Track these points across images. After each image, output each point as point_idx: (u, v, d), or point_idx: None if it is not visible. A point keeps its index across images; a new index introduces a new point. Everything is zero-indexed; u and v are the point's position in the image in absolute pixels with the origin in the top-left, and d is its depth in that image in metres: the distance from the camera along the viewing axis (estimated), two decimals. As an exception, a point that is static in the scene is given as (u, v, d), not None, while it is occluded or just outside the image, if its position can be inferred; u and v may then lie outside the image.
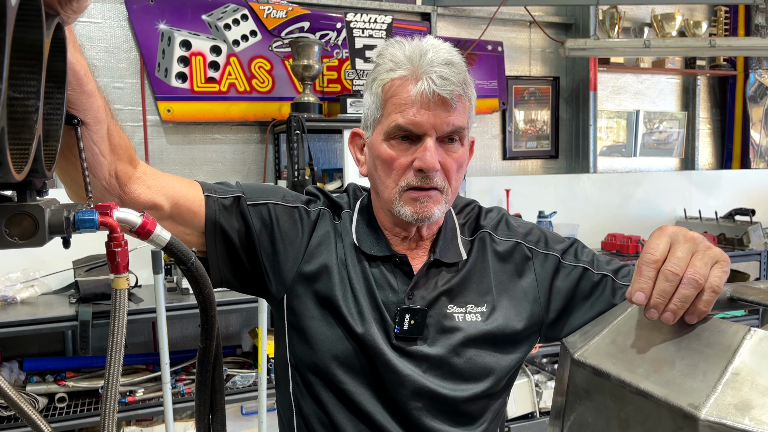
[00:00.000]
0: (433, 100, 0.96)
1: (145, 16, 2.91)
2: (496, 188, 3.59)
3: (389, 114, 0.99)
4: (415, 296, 1.04)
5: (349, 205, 1.13)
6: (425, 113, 0.97)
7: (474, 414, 1.07)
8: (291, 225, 1.06)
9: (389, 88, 1.00)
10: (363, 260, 1.06)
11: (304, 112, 2.87)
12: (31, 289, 2.54)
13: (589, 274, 1.09)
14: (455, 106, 0.98)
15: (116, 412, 0.64)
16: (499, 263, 1.10)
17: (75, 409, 2.37)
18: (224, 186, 1.04)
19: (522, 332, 1.09)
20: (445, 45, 1.01)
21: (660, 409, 0.61)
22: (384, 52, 1.03)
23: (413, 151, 0.99)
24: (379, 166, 1.03)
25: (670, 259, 0.70)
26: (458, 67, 0.99)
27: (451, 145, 1.01)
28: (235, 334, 3.12)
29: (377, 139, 1.02)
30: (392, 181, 1.01)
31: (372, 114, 1.04)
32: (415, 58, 0.98)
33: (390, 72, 1.00)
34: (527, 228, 1.15)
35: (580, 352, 0.75)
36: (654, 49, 3.52)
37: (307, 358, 1.04)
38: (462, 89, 0.99)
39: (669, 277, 0.69)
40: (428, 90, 0.96)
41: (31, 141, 0.53)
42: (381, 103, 1.01)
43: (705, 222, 3.86)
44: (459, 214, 1.15)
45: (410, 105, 0.97)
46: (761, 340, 0.61)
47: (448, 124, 0.98)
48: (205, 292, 0.75)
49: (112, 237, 0.64)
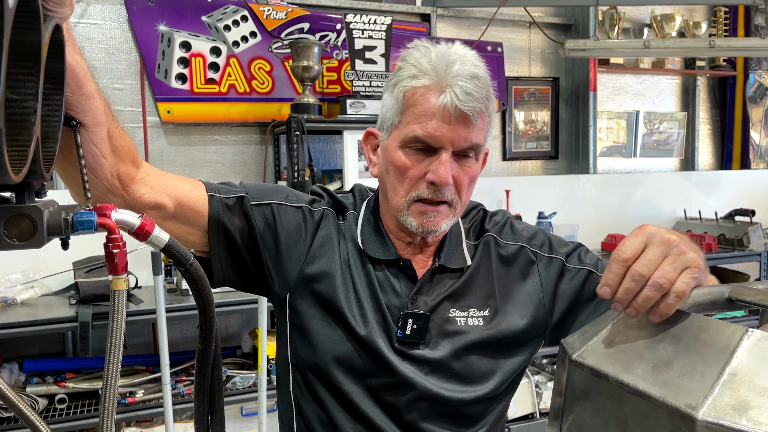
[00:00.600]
0: (454, 115, 0.95)
1: (144, 17, 2.91)
2: (495, 189, 3.59)
3: (408, 123, 0.98)
4: (418, 301, 1.04)
5: (354, 206, 1.12)
6: (444, 127, 0.96)
7: (475, 416, 1.07)
8: (294, 225, 1.05)
9: (411, 96, 0.98)
10: (367, 263, 1.06)
11: (303, 113, 2.87)
12: (31, 291, 2.54)
13: (594, 276, 1.09)
14: (475, 123, 0.97)
15: (115, 412, 0.64)
16: (503, 267, 1.10)
17: (75, 410, 2.37)
18: (228, 186, 1.04)
19: (525, 335, 1.09)
20: (471, 56, 0.99)
21: (658, 409, 0.61)
22: (408, 57, 1.01)
23: (428, 162, 0.98)
24: (392, 172, 1.02)
25: (641, 259, 0.70)
26: (483, 81, 0.98)
27: (466, 160, 1.00)
28: (235, 335, 3.12)
29: (393, 144, 1.01)
30: (403, 189, 1.01)
31: (390, 118, 1.02)
32: (440, 68, 0.96)
33: (413, 79, 0.98)
34: (532, 232, 1.15)
35: (578, 353, 0.75)
36: (654, 49, 3.52)
37: (308, 358, 1.04)
38: (484, 105, 0.98)
39: (635, 277, 0.69)
40: (450, 104, 0.94)
41: (29, 142, 0.53)
42: (401, 109, 1.00)
43: (705, 222, 3.86)
44: (464, 218, 1.15)
45: (430, 117, 0.96)
46: (759, 340, 0.61)
47: (466, 140, 0.97)
48: (204, 294, 0.75)
49: (111, 238, 0.64)
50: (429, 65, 0.97)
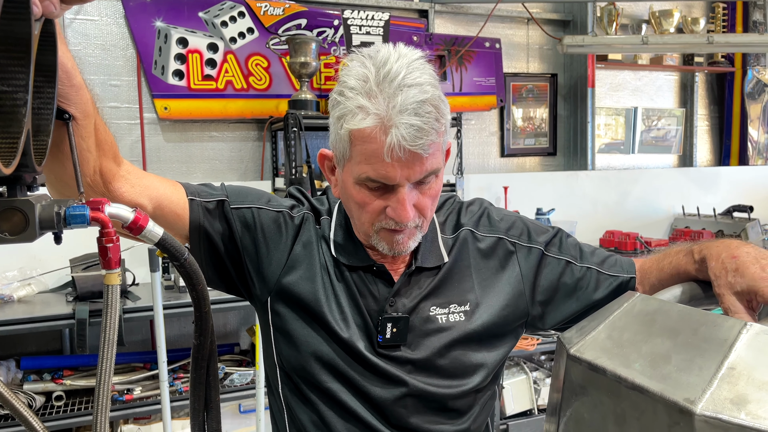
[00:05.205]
0: (404, 156, 0.89)
1: (141, 13, 2.90)
2: (494, 185, 3.59)
3: (358, 162, 0.93)
4: (396, 304, 1.03)
5: (328, 211, 1.10)
6: (396, 166, 0.90)
7: (462, 409, 1.07)
8: (275, 229, 1.05)
9: (357, 136, 0.91)
10: (344, 269, 1.05)
11: (301, 109, 2.86)
12: (28, 288, 2.53)
13: (573, 267, 1.09)
14: (428, 154, 0.91)
15: (109, 408, 0.64)
16: (482, 260, 1.09)
17: (72, 407, 2.37)
18: (208, 188, 1.03)
19: (507, 327, 1.09)
20: (412, 72, 0.90)
21: (656, 404, 0.61)
22: (347, 80, 0.93)
23: (386, 197, 0.94)
24: (352, 205, 0.99)
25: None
26: (430, 103, 0.90)
27: (425, 184, 0.96)
28: (233, 332, 3.12)
29: (348, 179, 0.97)
30: (366, 220, 0.98)
31: (340, 150, 0.96)
32: (381, 104, 0.89)
33: (355, 117, 0.90)
34: (510, 221, 1.13)
35: (575, 348, 0.74)
36: (652, 45, 3.52)
37: (293, 360, 1.04)
38: (435, 132, 0.90)
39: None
40: (398, 146, 0.88)
41: (19, 134, 0.52)
42: (348, 147, 0.93)
43: (703, 219, 3.86)
44: (439, 211, 1.12)
45: (380, 159, 0.90)
46: (757, 334, 0.60)
47: (422, 172, 0.92)
48: (199, 288, 0.75)
49: (104, 233, 0.64)
50: (369, 101, 0.89)
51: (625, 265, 1.12)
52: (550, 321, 1.12)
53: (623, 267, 1.12)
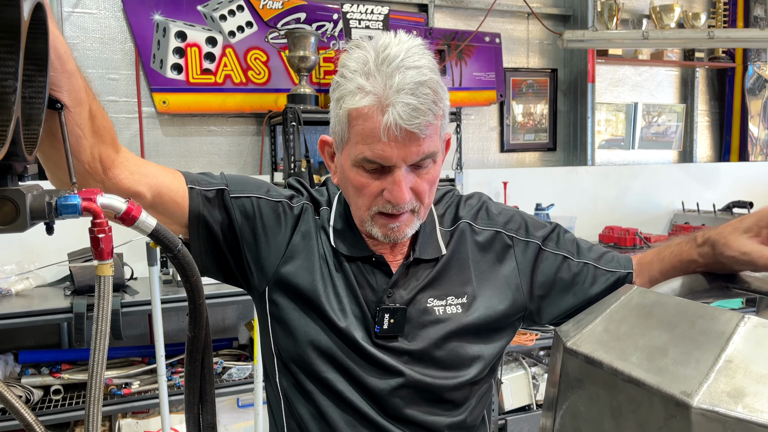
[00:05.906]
0: (400, 135, 0.90)
1: (140, 6, 2.89)
2: (493, 181, 3.58)
3: (356, 143, 0.94)
4: (394, 295, 1.04)
5: (327, 202, 1.11)
6: (393, 146, 0.91)
7: (458, 401, 1.07)
8: (274, 219, 1.05)
9: (355, 116, 0.93)
10: (342, 260, 1.05)
11: (300, 103, 2.85)
12: (25, 282, 2.53)
13: (570, 262, 1.10)
14: (425, 135, 0.92)
15: (101, 400, 0.63)
16: (479, 253, 1.10)
17: (70, 401, 2.37)
18: (207, 177, 1.03)
19: (504, 320, 1.09)
20: (412, 56, 0.92)
21: (652, 397, 0.60)
22: (348, 63, 0.95)
23: (383, 178, 0.95)
24: (350, 188, 1.00)
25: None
26: (428, 85, 0.91)
27: (423, 168, 0.97)
28: (231, 326, 3.12)
29: (346, 162, 0.98)
30: (363, 204, 0.99)
31: (339, 132, 0.98)
32: (380, 83, 0.90)
33: (354, 97, 0.92)
34: (508, 215, 1.13)
35: (572, 341, 0.74)
36: (652, 40, 3.50)
37: (291, 349, 1.04)
38: (432, 113, 0.92)
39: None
40: (394, 125, 0.89)
41: (8, 123, 0.52)
42: (346, 128, 0.95)
43: (703, 215, 3.86)
44: (437, 203, 1.13)
45: (377, 138, 0.91)
46: (755, 327, 0.60)
47: (419, 154, 0.93)
48: (193, 280, 0.74)
49: (96, 223, 0.63)
50: (368, 81, 0.91)
51: (623, 261, 1.13)
52: (547, 316, 1.12)
53: (620, 263, 1.12)
